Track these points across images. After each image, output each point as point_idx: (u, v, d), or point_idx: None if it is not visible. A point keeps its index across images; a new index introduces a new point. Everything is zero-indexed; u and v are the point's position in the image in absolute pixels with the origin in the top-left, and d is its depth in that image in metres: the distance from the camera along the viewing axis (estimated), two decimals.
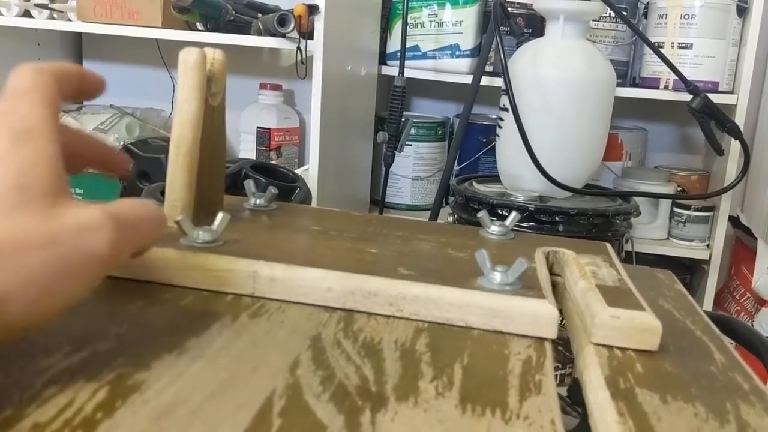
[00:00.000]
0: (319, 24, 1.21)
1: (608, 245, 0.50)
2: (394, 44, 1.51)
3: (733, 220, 1.53)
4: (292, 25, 1.19)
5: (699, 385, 0.32)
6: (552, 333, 0.36)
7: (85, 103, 1.83)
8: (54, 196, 0.27)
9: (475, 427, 0.26)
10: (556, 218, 1.08)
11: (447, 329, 0.36)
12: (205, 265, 0.37)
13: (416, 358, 0.32)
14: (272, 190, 0.51)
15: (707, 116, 1.20)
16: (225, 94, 0.47)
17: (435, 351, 0.33)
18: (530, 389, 0.30)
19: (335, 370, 0.30)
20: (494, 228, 0.49)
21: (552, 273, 0.47)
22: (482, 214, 0.49)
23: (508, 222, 0.50)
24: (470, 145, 1.60)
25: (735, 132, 1.22)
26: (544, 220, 1.08)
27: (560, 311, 0.41)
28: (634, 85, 1.51)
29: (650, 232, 1.46)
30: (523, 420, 0.27)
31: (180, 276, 0.38)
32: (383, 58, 1.55)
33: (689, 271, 1.57)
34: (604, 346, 0.35)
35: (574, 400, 0.44)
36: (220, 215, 0.40)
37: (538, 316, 0.36)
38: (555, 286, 0.46)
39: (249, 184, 0.51)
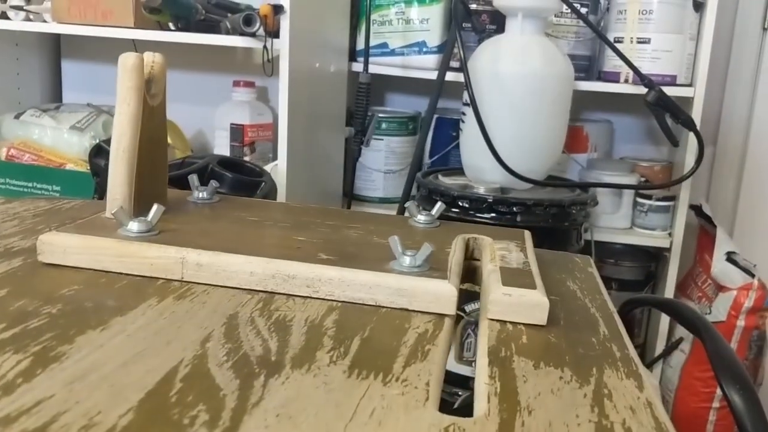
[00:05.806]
0: (284, 23, 1.23)
1: (527, 232, 0.53)
2: (363, 41, 1.54)
3: (697, 209, 1.57)
4: (258, 24, 1.22)
5: (574, 353, 0.36)
6: (450, 309, 0.39)
7: (63, 101, 1.85)
8: None
9: (356, 388, 0.30)
10: (514, 209, 1.11)
11: (358, 308, 0.40)
12: (136, 253, 0.41)
13: (321, 333, 0.36)
14: (213, 183, 0.54)
15: (662, 109, 1.24)
16: (165, 94, 0.50)
17: (340, 326, 0.37)
18: (417, 357, 0.34)
19: (243, 343, 0.33)
20: (420, 217, 0.53)
21: (474, 258, 0.50)
22: (409, 204, 0.52)
23: (434, 211, 0.53)
24: (441, 139, 1.64)
25: (689, 124, 1.26)
26: (503, 211, 1.12)
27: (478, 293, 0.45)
28: (599, 78, 1.54)
29: (614, 221, 1.50)
30: (401, 382, 0.31)
31: (115, 263, 0.41)
32: (353, 55, 1.58)
33: (654, 259, 1.61)
34: (498, 321, 0.39)
35: None
36: (154, 207, 0.44)
37: (438, 294, 0.39)
38: (476, 270, 0.50)
39: (192, 179, 0.54)
